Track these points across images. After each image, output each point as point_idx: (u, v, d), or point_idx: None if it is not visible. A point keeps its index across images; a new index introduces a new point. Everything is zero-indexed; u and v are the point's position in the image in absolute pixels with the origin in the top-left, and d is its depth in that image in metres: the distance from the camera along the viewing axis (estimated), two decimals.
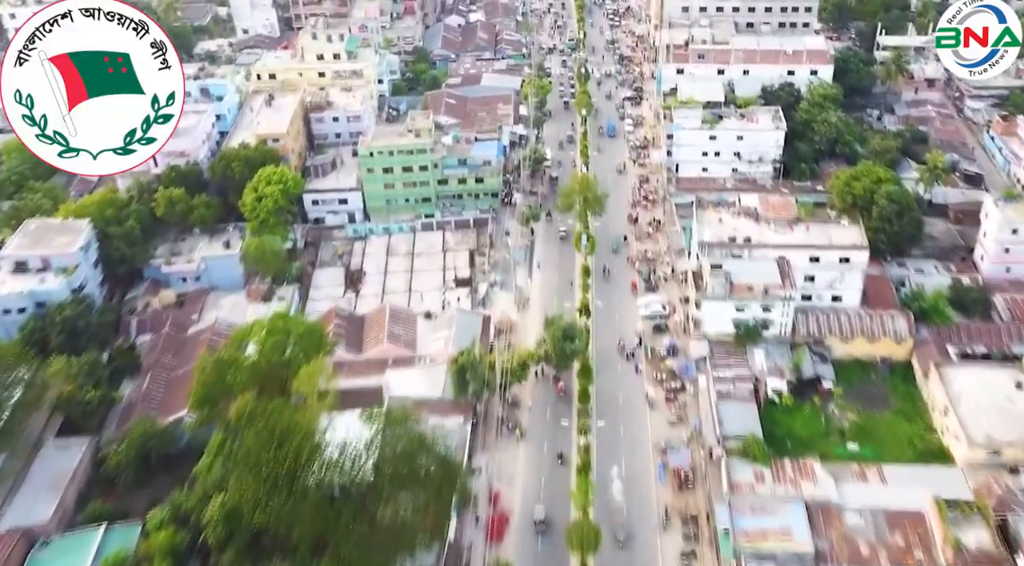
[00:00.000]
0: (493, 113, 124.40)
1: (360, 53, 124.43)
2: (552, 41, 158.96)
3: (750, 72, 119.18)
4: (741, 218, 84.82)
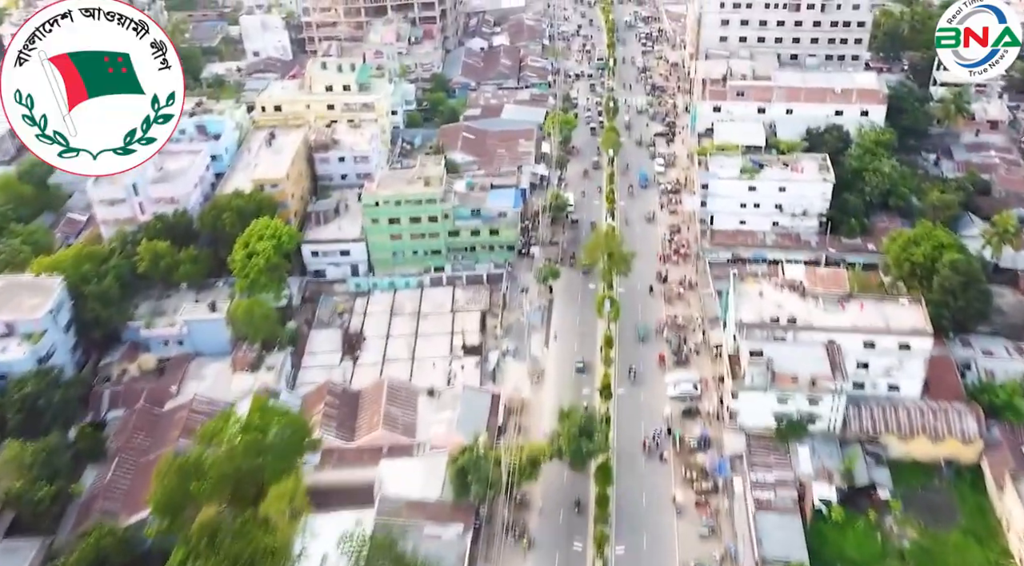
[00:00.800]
0: (513, 150, 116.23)
1: (372, 84, 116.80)
2: (580, 66, 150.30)
3: (794, 112, 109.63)
4: (784, 292, 75.50)
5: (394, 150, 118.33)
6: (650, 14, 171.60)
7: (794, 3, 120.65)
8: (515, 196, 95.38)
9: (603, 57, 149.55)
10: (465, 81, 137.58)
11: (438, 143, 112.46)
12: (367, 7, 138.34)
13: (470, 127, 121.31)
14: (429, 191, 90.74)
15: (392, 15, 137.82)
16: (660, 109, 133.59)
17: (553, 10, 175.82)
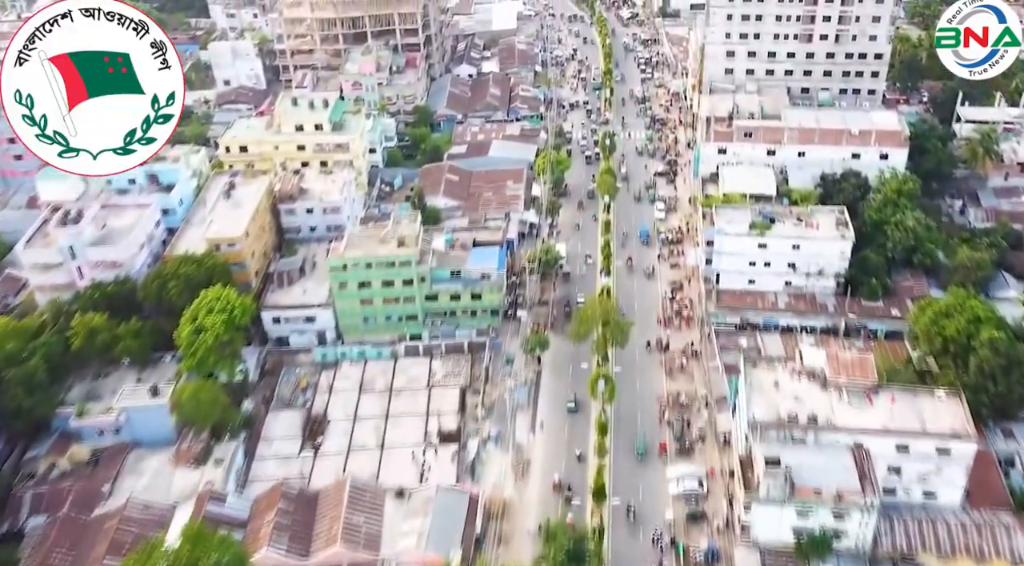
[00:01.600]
0: (501, 194, 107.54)
1: (347, 122, 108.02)
2: (575, 95, 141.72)
3: (806, 154, 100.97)
4: (803, 381, 66.63)
5: (371, 193, 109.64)
6: (650, 36, 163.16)
7: (806, 34, 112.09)
8: (499, 257, 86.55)
9: (599, 86, 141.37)
10: (451, 113, 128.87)
11: (418, 187, 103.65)
12: (345, 34, 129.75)
13: (454, 167, 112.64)
14: (403, 252, 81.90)
15: (372, 43, 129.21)
16: (660, 144, 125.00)
17: (546, 31, 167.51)
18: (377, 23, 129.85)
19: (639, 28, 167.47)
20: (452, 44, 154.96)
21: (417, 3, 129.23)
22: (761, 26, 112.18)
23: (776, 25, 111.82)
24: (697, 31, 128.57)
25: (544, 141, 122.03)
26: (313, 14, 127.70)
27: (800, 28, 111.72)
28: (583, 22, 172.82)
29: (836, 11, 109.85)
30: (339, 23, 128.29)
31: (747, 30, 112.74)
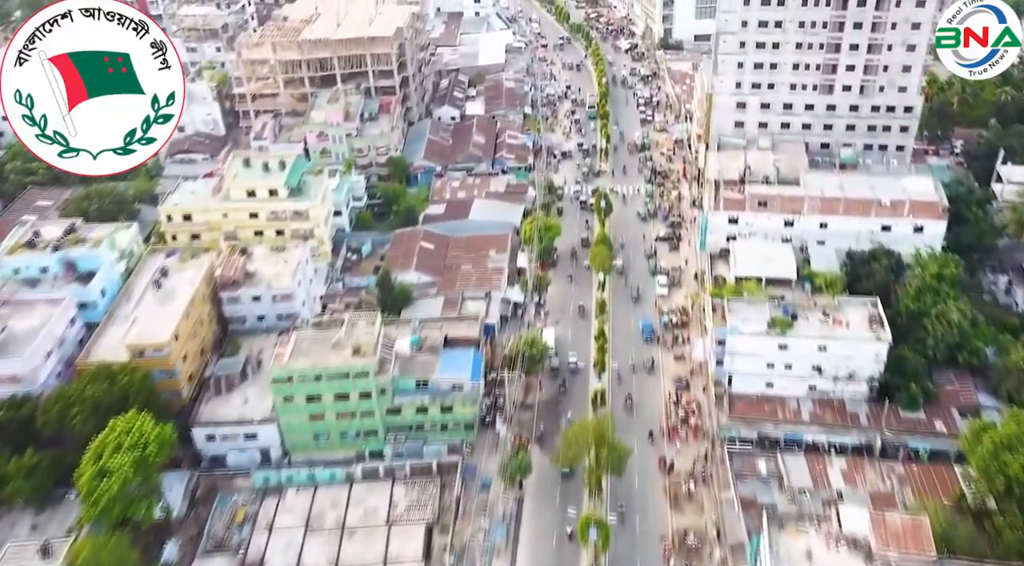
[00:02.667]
0: (481, 266, 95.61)
1: (308, 184, 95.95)
2: (568, 142, 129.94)
3: (829, 226, 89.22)
4: (842, 552, 54.62)
5: (336, 262, 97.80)
6: (650, 71, 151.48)
7: (826, 85, 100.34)
8: (475, 363, 74.41)
9: (594, 116, 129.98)
10: (429, 165, 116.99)
11: (386, 267, 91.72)
12: (312, 77, 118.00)
13: (430, 233, 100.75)
14: (359, 363, 69.74)
15: (342, 86, 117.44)
16: (662, 200, 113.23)
17: (537, 65, 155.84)
18: (347, 65, 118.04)
19: (638, 62, 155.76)
20: (435, 81, 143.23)
21: (391, 43, 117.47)
22: (776, 75, 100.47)
23: (793, 74, 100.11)
24: (702, 75, 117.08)
25: (532, 199, 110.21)
26: (276, 55, 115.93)
27: (820, 78, 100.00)
28: (576, 51, 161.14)
29: (861, 60, 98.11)
30: (305, 65, 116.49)
31: (760, 79, 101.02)
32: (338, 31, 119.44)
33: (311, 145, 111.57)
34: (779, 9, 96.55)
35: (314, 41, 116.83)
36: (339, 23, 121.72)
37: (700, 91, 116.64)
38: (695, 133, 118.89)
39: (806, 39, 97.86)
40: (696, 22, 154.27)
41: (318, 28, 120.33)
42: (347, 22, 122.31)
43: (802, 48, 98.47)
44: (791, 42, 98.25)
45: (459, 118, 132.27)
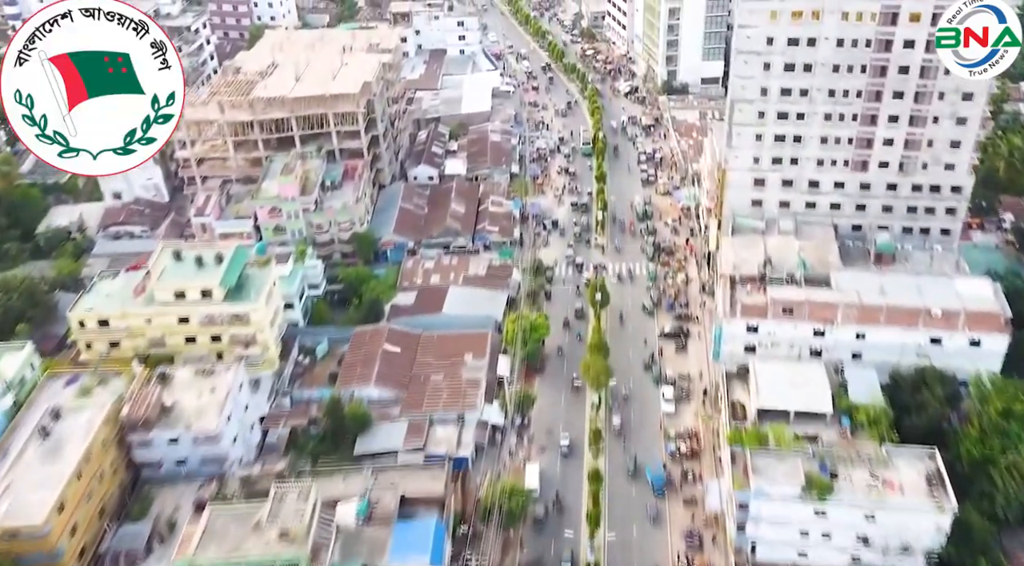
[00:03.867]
0: (455, 376, 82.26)
1: (251, 279, 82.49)
2: (560, 207, 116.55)
3: (867, 337, 75.85)
4: None
5: (284, 369, 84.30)
6: (652, 119, 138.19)
7: (860, 161, 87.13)
8: (435, 540, 60.42)
9: (589, 152, 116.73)
10: (401, 240, 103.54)
11: (339, 387, 78.20)
12: (267, 139, 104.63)
13: (396, 331, 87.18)
14: (286, 552, 55.91)
15: (301, 149, 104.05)
16: (668, 282, 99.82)
17: (526, 111, 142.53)
18: (307, 125, 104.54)
19: (640, 107, 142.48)
20: (412, 132, 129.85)
21: (358, 101, 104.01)
22: (801, 150, 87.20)
23: (821, 149, 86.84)
24: (713, 139, 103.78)
25: (516, 285, 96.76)
26: (224, 116, 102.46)
27: (853, 153, 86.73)
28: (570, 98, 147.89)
29: (902, 133, 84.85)
30: (258, 126, 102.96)
31: (782, 154, 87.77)
32: (297, 87, 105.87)
33: (262, 222, 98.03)
34: (805, 76, 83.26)
35: (268, 99, 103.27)
36: (298, 77, 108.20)
37: (710, 157, 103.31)
38: (704, 202, 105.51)
39: (837, 109, 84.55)
40: (703, 64, 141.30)
41: (274, 83, 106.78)
42: (308, 75, 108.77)
43: (832, 120, 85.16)
44: (819, 113, 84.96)
45: (437, 179, 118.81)
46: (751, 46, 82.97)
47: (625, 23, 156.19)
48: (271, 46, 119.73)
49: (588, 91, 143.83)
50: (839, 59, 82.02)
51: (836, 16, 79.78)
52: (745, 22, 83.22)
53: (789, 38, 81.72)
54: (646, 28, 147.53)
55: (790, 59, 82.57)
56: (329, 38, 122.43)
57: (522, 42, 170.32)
